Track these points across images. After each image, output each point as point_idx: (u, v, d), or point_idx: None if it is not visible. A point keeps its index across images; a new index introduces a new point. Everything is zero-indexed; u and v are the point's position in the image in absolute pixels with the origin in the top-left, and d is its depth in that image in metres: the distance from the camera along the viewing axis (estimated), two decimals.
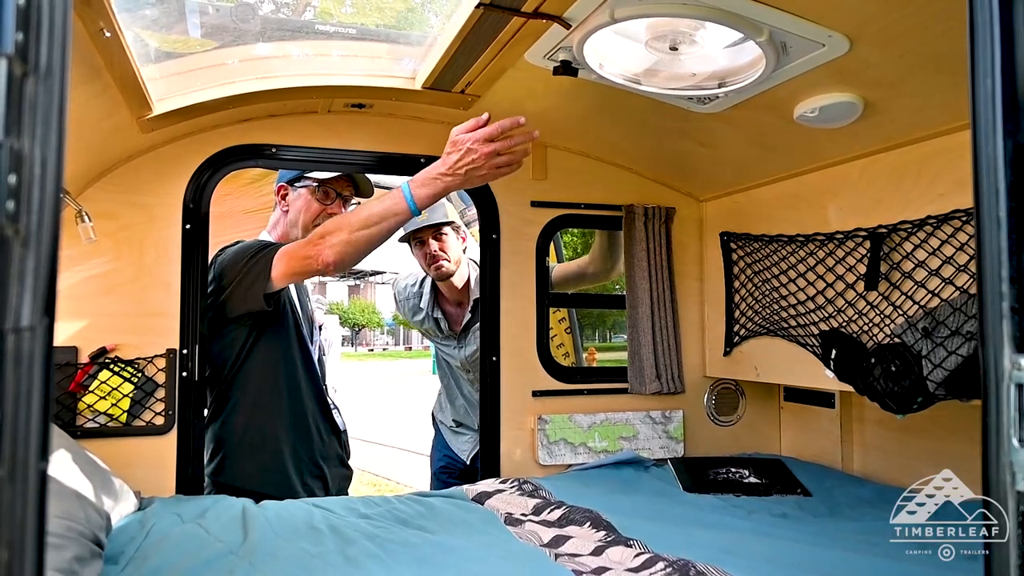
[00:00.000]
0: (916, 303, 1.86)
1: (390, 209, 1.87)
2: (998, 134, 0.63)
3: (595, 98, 2.08)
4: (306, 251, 1.98)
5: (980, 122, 0.64)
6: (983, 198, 0.64)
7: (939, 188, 1.83)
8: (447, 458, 3.31)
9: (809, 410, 2.71)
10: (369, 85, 2.09)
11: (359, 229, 1.90)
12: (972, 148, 0.65)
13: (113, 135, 1.91)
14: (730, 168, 2.47)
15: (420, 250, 2.95)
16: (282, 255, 2.04)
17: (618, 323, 13.99)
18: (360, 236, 1.90)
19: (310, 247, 1.97)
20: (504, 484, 2.27)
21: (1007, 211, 0.63)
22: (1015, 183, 0.63)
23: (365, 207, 1.95)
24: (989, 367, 0.63)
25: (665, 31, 1.67)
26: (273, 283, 2.07)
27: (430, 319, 3.13)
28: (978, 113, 0.64)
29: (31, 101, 0.54)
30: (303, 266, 2.00)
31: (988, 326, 0.64)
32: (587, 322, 13.44)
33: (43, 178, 0.53)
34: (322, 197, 2.34)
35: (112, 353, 2.07)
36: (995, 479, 0.63)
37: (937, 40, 1.47)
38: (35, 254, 0.52)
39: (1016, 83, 0.62)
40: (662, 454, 2.62)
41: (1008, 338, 0.62)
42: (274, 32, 2.02)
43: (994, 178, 0.63)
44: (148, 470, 2.08)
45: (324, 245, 1.92)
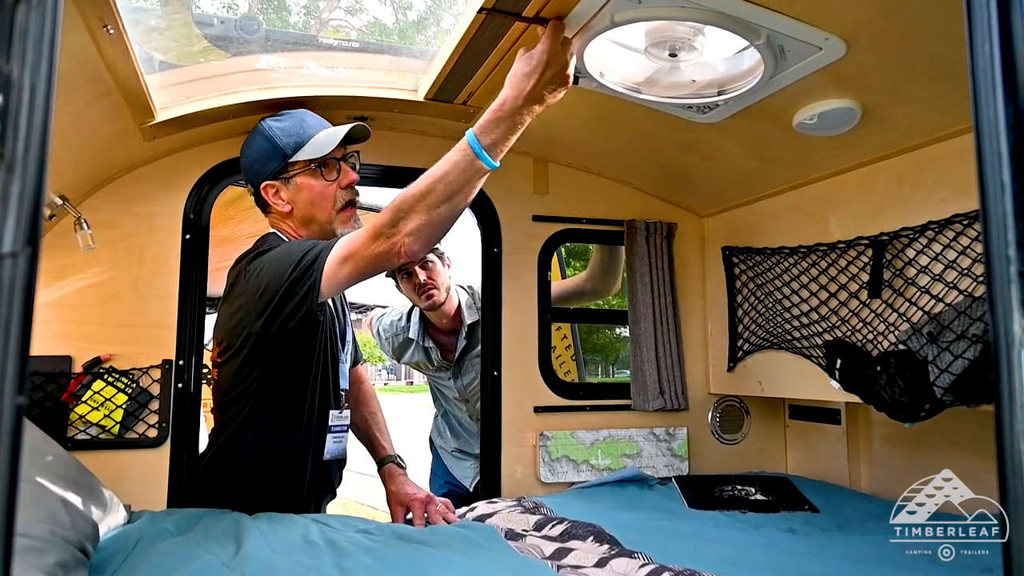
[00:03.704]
0: (920, 309, 1.84)
1: (465, 171, 1.52)
2: (998, 99, 0.62)
3: (596, 110, 2.09)
4: (377, 247, 1.58)
5: (980, 88, 0.64)
6: (986, 164, 0.63)
7: (939, 194, 1.83)
8: (448, 484, 3.24)
9: (815, 427, 2.67)
10: (372, 96, 2.10)
11: (437, 204, 1.54)
12: (973, 114, 0.64)
13: (115, 142, 1.92)
14: (731, 181, 2.47)
15: (408, 282, 2.87)
16: (345, 257, 1.63)
17: (621, 359, 13.87)
18: (442, 213, 1.55)
19: (383, 242, 1.57)
20: (504, 503, 2.22)
21: (1011, 175, 0.62)
22: (1017, 146, 0.62)
23: (432, 177, 1.55)
24: (1000, 333, 0.62)
25: (664, 37, 1.68)
26: (332, 292, 1.69)
27: (420, 349, 3.06)
28: (977, 79, 0.64)
29: (21, 28, 0.53)
30: (379, 263, 1.62)
31: (996, 291, 0.62)
32: (589, 357, 13.37)
33: (31, 105, 0.52)
34: (327, 173, 1.90)
35: (107, 363, 2.05)
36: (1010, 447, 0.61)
37: (933, 43, 1.48)
38: (20, 180, 0.51)
39: (1014, 48, 0.62)
40: (666, 472, 2.57)
41: (1017, 302, 0.61)
42: (278, 44, 2.04)
43: (996, 143, 0.62)
44: (139, 483, 2.03)
45: (401, 234, 1.55)
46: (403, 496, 2.07)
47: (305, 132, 1.89)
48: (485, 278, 2.52)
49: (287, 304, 1.68)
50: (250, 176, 1.94)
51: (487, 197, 2.51)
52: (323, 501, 2.10)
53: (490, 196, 2.51)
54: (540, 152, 2.57)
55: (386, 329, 3.20)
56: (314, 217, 1.91)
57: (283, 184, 1.90)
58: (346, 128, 1.89)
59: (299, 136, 1.88)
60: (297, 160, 1.88)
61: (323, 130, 1.92)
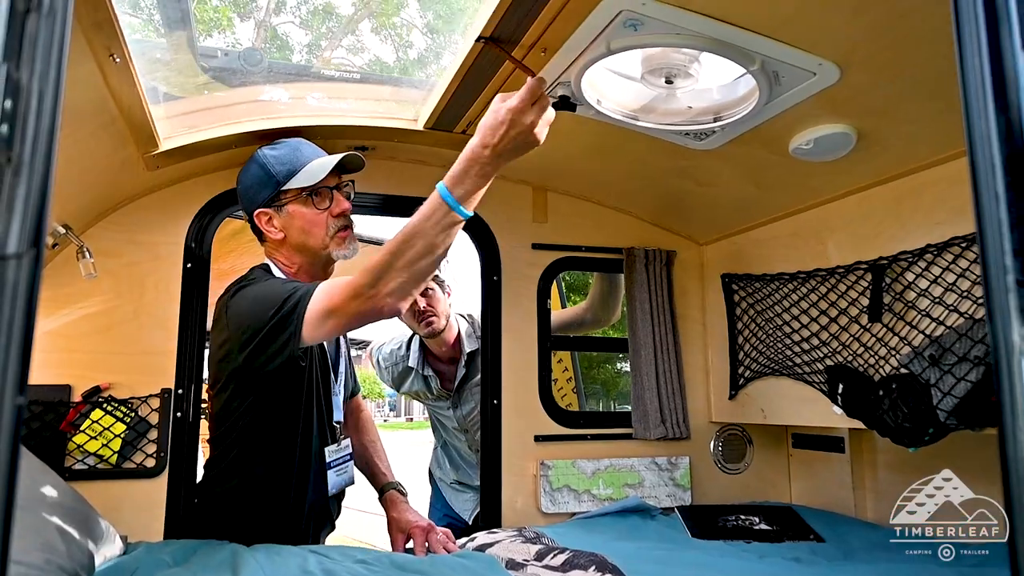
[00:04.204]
0: (921, 332, 1.84)
1: (439, 224, 1.49)
2: (990, 112, 0.64)
3: (594, 138, 2.11)
4: (360, 306, 1.56)
5: (971, 102, 0.65)
6: (980, 175, 0.64)
7: (936, 217, 1.84)
8: (447, 518, 3.20)
9: (819, 456, 2.64)
10: (372, 126, 2.13)
11: (416, 261, 1.51)
12: (965, 127, 0.65)
13: (119, 171, 1.94)
14: (729, 208, 2.49)
15: (408, 310, 2.84)
16: (326, 311, 1.60)
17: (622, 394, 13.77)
18: (420, 268, 1.53)
19: (364, 303, 1.55)
20: (505, 533, 2.19)
21: (1005, 185, 0.63)
22: (1010, 157, 0.63)
23: (407, 234, 1.52)
24: (999, 343, 0.62)
25: (660, 64, 1.71)
26: (315, 340, 1.68)
27: (419, 378, 3.04)
28: (969, 93, 0.65)
29: (32, 36, 0.54)
30: (361, 320, 1.61)
31: (995, 301, 0.63)
32: (590, 392, 13.23)
33: (39, 110, 0.53)
34: (319, 201, 1.89)
35: (106, 392, 2.04)
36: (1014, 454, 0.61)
37: (925, 65, 1.51)
38: (26, 183, 0.52)
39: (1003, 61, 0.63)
40: (669, 502, 2.53)
41: (1015, 311, 0.61)
42: (280, 75, 2.08)
43: (990, 154, 0.64)
44: (136, 514, 2.01)
45: (382, 295, 1.53)
46: (404, 523, 2.05)
47: (298, 160, 1.90)
48: (485, 306, 2.53)
49: (269, 346, 1.67)
50: (245, 203, 1.95)
51: (486, 225, 2.53)
52: (321, 534, 2.07)
53: (489, 224, 2.53)
54: (539, 180, 2.59)
55: (386, 358, 3.18)
56: (307, 245, 1.90)
57: (276, 212, 1.90)
58: (338, 157, 1.90)
59: (292, 164, 1.89)
60: (289, 188, 1.88)
61: (316, 159, 1.92)
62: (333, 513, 2.09)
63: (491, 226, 2.53)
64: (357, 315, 1.59)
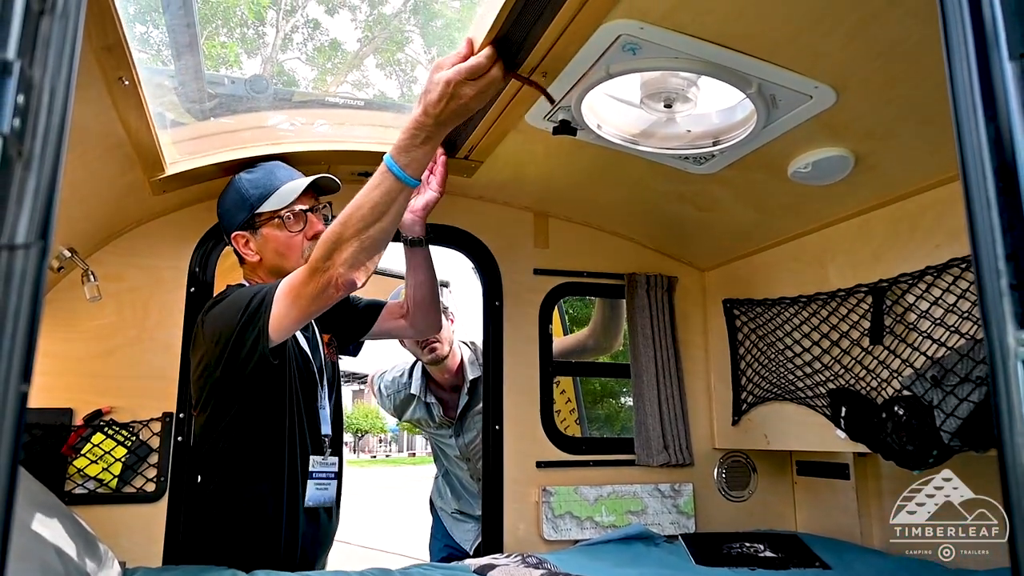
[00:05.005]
0: (923, 354, 1.83)
1: (388, 192, 1.56)
2: (979, 120, 0.65)
3: (594, 162, 2.14)
4: (315, 284, 1.61)
5: (961, 111, 0.67)
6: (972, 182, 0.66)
7: (935, 240, 1.85)
8: (448, 548, 3.16)
9: (824, 483, 2.62)
10: (376, 151, 2.16)
11: (365, 229, 1.57)
12: (956, 137, 0.67)
13: (125, 195, 1.96)
14: (729, 234, 2.50)
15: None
16: (289, 301, 1.66)
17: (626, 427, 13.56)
18: (372, 236, 1.58)
19: (319, 277, 1.60)
20: (507, 558, 2.16)
21: (996, 191, 0.65)
22: (1001, 163, 0.65)
23: (356, 204, 1.59)
24: (994, 347, 0.63)
25: (659, 89, 1.74)
26: (282, 334, 1.71)
27: (422, 405, 3.03)
28: (958, 103, 0.67)
29: (45, 36, 0.56)
30: (321, 302, 1.64)
31: (988, 305, 0.63)
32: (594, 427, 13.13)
33: (51, 106, 0.55)
34: (293, 223, 1.92)
35: (107, 415, 2.03)
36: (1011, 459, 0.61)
37: (919, 87, 1.53)
38: (36, 176, 0.53)
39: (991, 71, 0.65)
40: (672, 529, 2.50)
41: (1010, 315, 0.62)
42: (285, 102, 2.12)
43: (980, 162, 0.65)
44: (135, 539, 1.99)
45: (336, 266, 1.58)
46: None
47: (271, 184, 1.93)
48: (487, 331, 2.53)
49: (241, 350, 1.70)
50: (223, 226, 2.00)
51: (488, 251, 2.54)
52: (319, 553, 2.04)
53: (491, 250, 2.55)
54: (540, 206, 2.61)
55: (388, 386, 3.18)
56: (282, 268, 1.91)
57: (251, 235, 1.94)
58: (309, 179, 1.94)
59: (265, 188, 1.92)
60: (263, 211, 1.91)
61: (290, 181, 1.95)
62: (330, 531, 2.06)
63: (493, 252, 2.54)
64: (315, 294, 1.62)
